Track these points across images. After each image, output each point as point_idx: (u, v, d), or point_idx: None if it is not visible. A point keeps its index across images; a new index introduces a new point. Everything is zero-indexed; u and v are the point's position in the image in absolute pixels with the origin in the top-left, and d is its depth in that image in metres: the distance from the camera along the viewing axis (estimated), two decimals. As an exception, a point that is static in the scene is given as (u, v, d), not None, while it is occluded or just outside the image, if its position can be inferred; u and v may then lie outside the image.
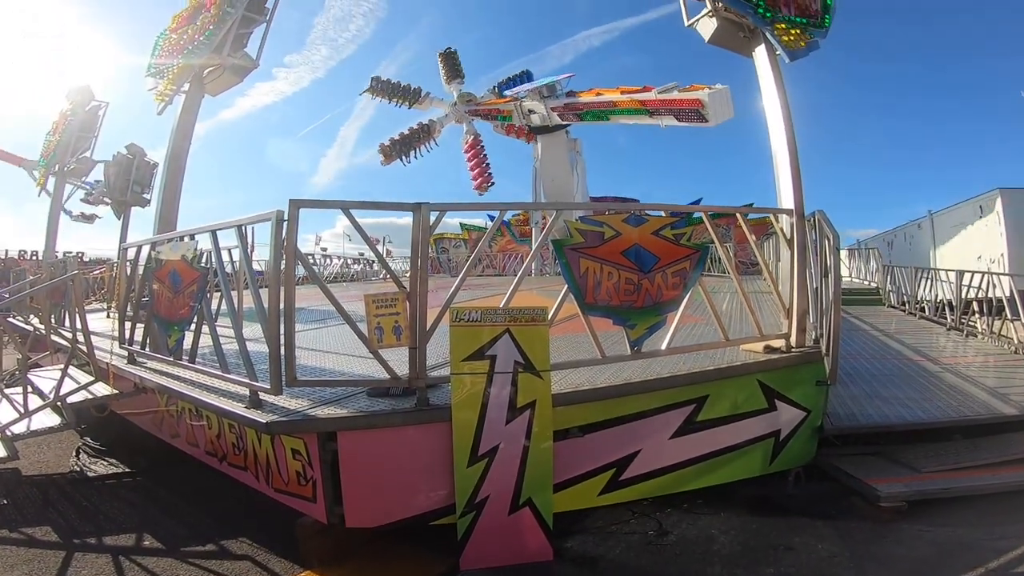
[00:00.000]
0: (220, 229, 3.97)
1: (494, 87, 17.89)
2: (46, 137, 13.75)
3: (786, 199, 4.69)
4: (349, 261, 24.45)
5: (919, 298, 11.22)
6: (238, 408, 3.51)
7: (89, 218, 14.00)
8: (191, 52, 6.74)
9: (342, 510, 3.25)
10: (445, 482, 3.28)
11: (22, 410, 4.68)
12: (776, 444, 4.07)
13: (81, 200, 13.73)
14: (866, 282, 15.02)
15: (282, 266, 3.41)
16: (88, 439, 5.89)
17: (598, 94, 11.75)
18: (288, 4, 7.57)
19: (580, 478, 3.59)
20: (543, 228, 16.03)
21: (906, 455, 4.31)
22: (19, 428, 4.55)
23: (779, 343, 4.39)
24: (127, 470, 5.23)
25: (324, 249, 28.04)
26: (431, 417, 3.33)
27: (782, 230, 4.59)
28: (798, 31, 5.09)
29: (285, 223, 3.29)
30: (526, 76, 17.59)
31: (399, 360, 3.52)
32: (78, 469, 5.25)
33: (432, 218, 3.47)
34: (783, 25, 5.07)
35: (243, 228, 3.79)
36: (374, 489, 3.34)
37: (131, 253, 5.48)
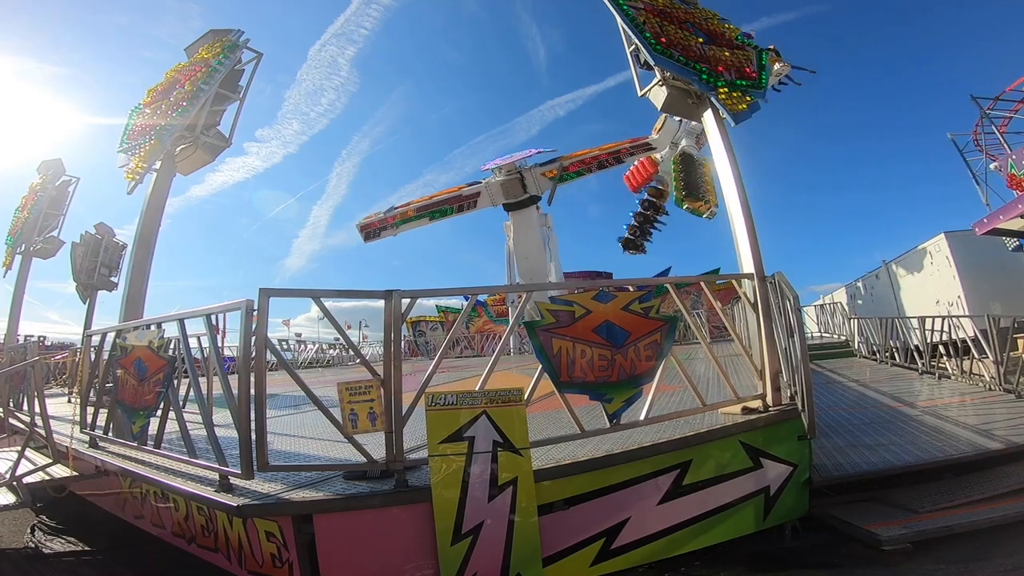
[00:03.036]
0: (188, 317, 3.93)
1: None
2: (14, 213, 13.20)
3: (746, 263, 4.84)
4: (324, 346, 24.15)
5: (888, 346, 11.51)
6: (207, 492, 3.46)
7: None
8: (164, 129, 6.77)
9: (321, 591, 3.15)
10: (429, 562, 3.22)
11: (-26, 488, 4.57)
12: (767, 500, 4.05)
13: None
14: (835, 336, 15.33)
15: (252, 354, 3.37)
16: (43, 517, 5.66)
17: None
18: (259, 77, 7.85)
19: (570, 550, 3.52)
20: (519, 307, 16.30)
21: (900, 498, 4.33)
22: (-29, 505, 4.44)
23: (756, 404, 4.43)
24: (86, 548, 5.01)
25: (298, 335, 27.78)
26: (411, 498, 3.30)
27: (745, 294, 4.73)
28: (739, 94, 5.43)
29: (255, 312, 3.28)
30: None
31: (375, 443, 3.48)
32: (32, 546, 5.06)
33: (404, 305, 3.52)
34: (725, 89, 5.43)
35: (212, 317, 3.77)
36: (354, 570, 3.27)
37: (95, 340, 5.35)
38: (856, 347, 13.36)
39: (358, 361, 3.90)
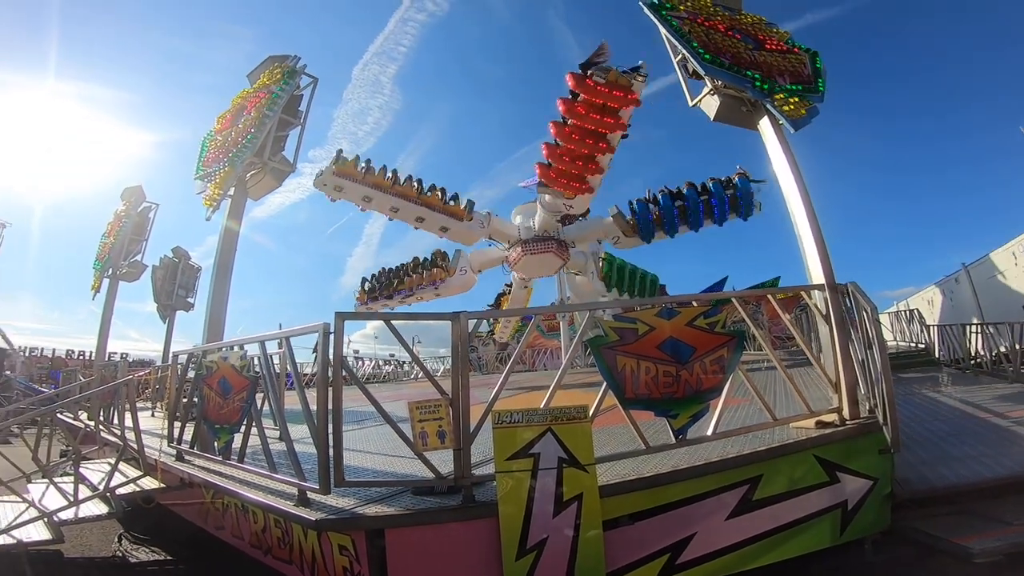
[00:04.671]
0: (268, 339, 4.17)
1: None
2: (101, 238, 14.24)
3: (816, 273, 4.63)
4: (380, 362, 24.89)
5: (973, 353, 10.73)
6: (287, 506, 3.60)
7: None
8: (235, 155, 7.23)
9: (391, 604, 3.22)
10: (495, 576, 3.23)
11: (71, 498, 4.90)
12: (844, 514, 3.89)
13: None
14: (912, 344, 14.43)
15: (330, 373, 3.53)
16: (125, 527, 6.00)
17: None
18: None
19: (634, 565, 3.48)
20: (570, 321, 16.01)
21: (992, 510, 4.10)
22: (66, 515, 4.78)
23: (831, 417, 4.25)
24: (168, 558, 5.31)
25: (356, 351, 28.63)
26: (478, 513, 3.35)
27: (816, 306, 4.54)
28: (796, 99, 5.21)
29: (331, 335, 3.45)
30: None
31: (441, 458, 3.56)
32: (120, 555, 5.37)
33: (471, 326, 3.60)
34: (782, 95, 5.23)
35: (289, 339, 3.98)
36: (423, 584, 3.30)
37: (182, 359, 5.74)
38: (937, 355, 12.54)
39: (413, 377, 4.01)
